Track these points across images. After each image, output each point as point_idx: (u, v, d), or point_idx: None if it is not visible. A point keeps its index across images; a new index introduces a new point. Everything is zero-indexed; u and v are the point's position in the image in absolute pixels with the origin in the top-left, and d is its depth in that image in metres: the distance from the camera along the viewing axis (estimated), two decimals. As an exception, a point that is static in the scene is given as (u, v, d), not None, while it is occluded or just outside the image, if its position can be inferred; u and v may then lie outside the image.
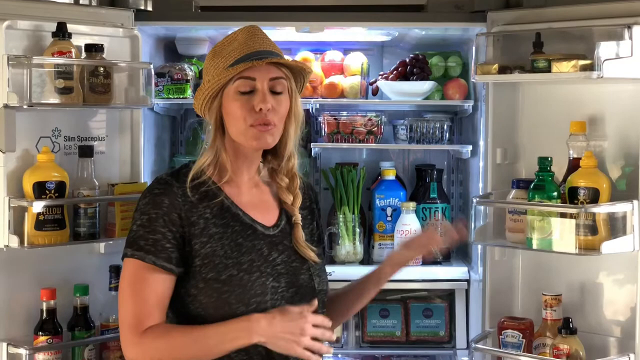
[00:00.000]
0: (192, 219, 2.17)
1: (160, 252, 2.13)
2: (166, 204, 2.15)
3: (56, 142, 2.98)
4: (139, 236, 2.14)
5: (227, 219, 2.23)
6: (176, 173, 2.25)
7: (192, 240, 2.16)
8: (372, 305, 3.65)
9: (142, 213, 2.16)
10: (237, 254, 2.20)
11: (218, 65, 2.21)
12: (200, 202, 2.20)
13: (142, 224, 2.15)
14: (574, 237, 2.78)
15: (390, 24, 3.41)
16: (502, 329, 3.04)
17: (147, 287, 2.13)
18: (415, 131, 3.64)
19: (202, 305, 2.16)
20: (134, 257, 2.13)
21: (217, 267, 2.17)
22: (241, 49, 2.20)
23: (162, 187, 2.19)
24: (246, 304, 2.16)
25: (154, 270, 2.13)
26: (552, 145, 3.03)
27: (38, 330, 2.88)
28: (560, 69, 2.82)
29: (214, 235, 2.19)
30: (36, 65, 2.78)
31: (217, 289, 2.15)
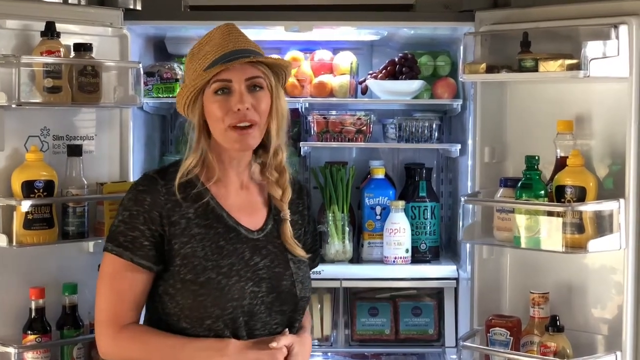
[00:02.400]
0: (173, 219, 2.18)
1: (138, 249, 2.16)
2: (148, 201, 2.17)
3: (45, 141, 2.99)
4: (119, 232, 2.17)
5: (210, 220, 2.22)
6: (164, 170, 2.26)
7: (172, 240, 2.18)
8: (361, 303, 3.68)
9: (125, 209, 2.19)
10: (218, 257, 2.20)
11: (195, 67, 2.21)
12: (185, 202, 2.20)
13: (123, 219, 2.18)
14: (560, 236, 2.79)
15: (379, 24, 3.42)
16: (489, 327, 3.05)
17: (125, 284, 2.17)
18: (404, 130, 3.64)
19: (178, 305, 2.18)
20: (112, 252, 2.17)
21: (196, 269, 2.18)
22: (216, 50, 2.19)
23: (146, 184, 2.21)
24: (222, 308, 2.17)
25: (131, 267, 2.16)
26: (539, 144, 3.04)
27: (27, 329, 2.88)
28: (547, 68, 2.83)
29: (195, 236, 2.19)
30: (25, 64, 2.79)
31: (194, 291, 2.16)
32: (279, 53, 3.76)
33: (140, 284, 2.19)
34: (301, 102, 3.64)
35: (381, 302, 3.69)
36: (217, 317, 2.17)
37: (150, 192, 2.19)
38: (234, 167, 2.29)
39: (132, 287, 2.18)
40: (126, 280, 2.18)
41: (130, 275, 2.17)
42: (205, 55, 2.20)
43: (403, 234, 3.58)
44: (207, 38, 2.24)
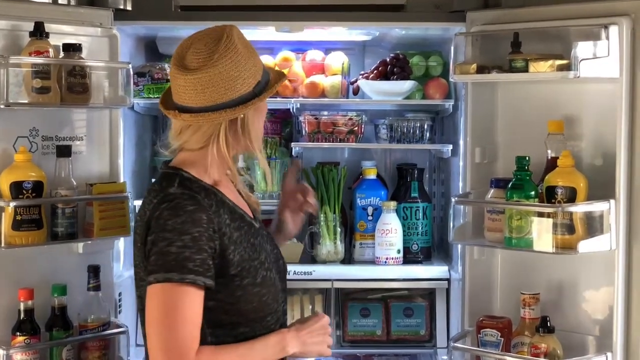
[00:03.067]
0: (222, 230, 2.09)
1: (207, 270, 2.02)
2: (204, 219, 2.04)
3: (34, 142, 2.98)
4: (184, 258, 1.99)
5: (238, 220, 2.17)
6: (183, 184, 2.11)
7: (225, 251, 2.08)
8: (353, 304, 3.69)
9: (182, 233, 2.00)
10: (257, 254, 2.18)
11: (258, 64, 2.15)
12: (218, 209, 2.12)
13: (186, 244, 2.00)
14: (551, 236, 2.79)
15: (370, 24, 3.41)
16: (480, 327, 3.05)
17: (194, 309, 2.02)
18: (396, 130, 3.63)
19: (240, 312, 2.12)
20: (184, 281, 1.98)
21: (250, 272, 2.13)
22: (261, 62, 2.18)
23: (193, 202, 2.06)
24: (277, 301, 2.21)
25: (197, 291, 2.01)
26: (530, 144, 3.04)
27: (16, 330, 2.88)
28: (538, 68, 2.83)
29: (236, 241, 2.12)
30: (13, 64, 2.78)
31: (257, 293, 2.14)
32: (271, 53, 3.77)
33: (201, 306, 2.05)
34: (293, 103, 3.63)
35: (373, 303, 3.69)
36: (274, 311, 2.20)
37: (202, 210, 2.05)
38: (224, 169, 2.24)
39: (200, 311, 2.04)
40: (195, 305, 2.02)
41: (197, 300, 2.03)
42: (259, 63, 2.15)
43: (395, 234, 3.59)
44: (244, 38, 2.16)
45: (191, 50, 2.10)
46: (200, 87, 2.06)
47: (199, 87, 2.06)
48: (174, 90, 2.13)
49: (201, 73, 2.06)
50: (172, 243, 2.00)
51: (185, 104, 2.10)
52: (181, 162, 2.18)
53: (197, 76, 2.06)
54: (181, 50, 2.12)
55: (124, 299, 3.38)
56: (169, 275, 1.98)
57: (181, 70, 2.08)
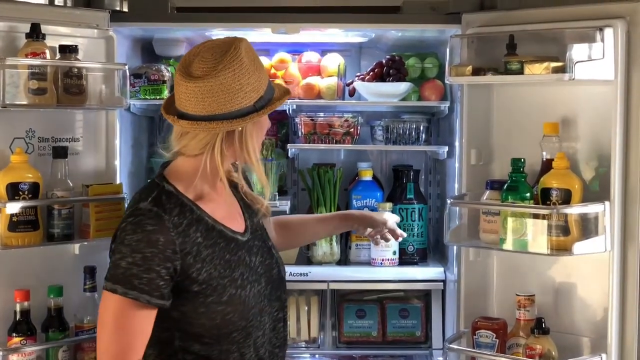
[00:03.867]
0: (186, 250, 2.11)
1: (155, 290, 2.05)
2: (161, 242, 2.07)
3: (30, 143, 2.98)
4: (131, 274, 2.04)
5: (214, 238, 2.19)
6: (157, 200, 2.13)
7: (187, 270, 2.11)
8: (348, 305, 3.69)
9: (134, 251, 2.05)
10: (229, 271, 2.19)
11: (262, 79, 2.15)
12: (189, 228, 2.14)
13: (135, 262, 2.05)
14: (546, 238, 2.79)
15: (366, 26, 3.40)
16: (475, 329, 3.05)
17: (134, 326, 2.06)
18: (391, 132, 3.63)
19: (203, 326, 2.15)
20: (126, 295, 2.03)
21: (217, 290, 2.15)
22: (267, 77, 2.19)
23: (154, 222, 2.08)
24: (246, 319, 2.20)
25: (144, 307, 2.06)
26: (525, 146, 3.04)
27: (12, 331, 2.88)
28: (533, 71, 2.83)
29: (205, 259, 2.15)
30: (9, 66, 2.77)
31: (221, 311, 2.15)
32: (267, 55, 3.77)
33: (149, 324, 2.10)
34: (289, 104, 3.62)
35: (368, 304, 3.70)
36: (242, 328, 2.19)
37: (161, 231, 2.07)
38: (216, 179, 2.24)
39: (142, 328, 2.08)
40: (137, 322, 2.06)
41: (141, 317, 2.06)
42: (264, 77, 2.17)
43: None
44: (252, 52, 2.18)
45: (198, 59, 2.12)
46: (201, 96, 2.08)
47: (200, 95, 2.08)
48: (177, 96, 2.16)
49: (203, 82, 2.08)
50: (124, 258, 2.06)
51: (186, 110, 2.13)
52: (173, 170, 2.22)
53: (198, 85, 2.08)
54: (189, 57, 2.15)
55: (120, 300, 3.36)
56: (114, 286, 2.05)
57: (185, 77, 2.10)
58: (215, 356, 2.19)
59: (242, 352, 2.22)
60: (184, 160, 2.21)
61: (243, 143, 2.16)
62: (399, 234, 2.91)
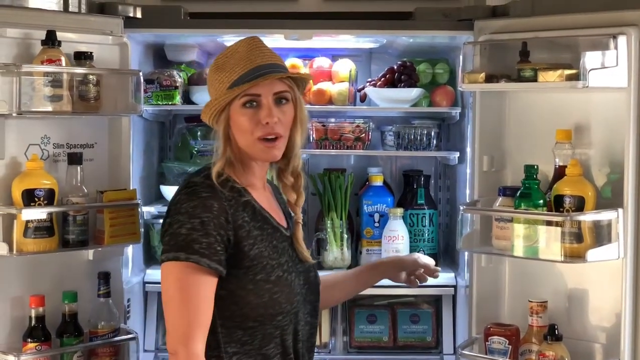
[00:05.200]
0: (238, 222, 2.20)
1: (214, 254, 2.14)
2: (216, 207, 2.17)
3: (45, 150, 2.99)
4: (192, 239, 2.12)
5: (260, 222, 2.27)
6: (209, 175, 2.24)
7: (240, 243, 2.19)
8: (359, 310, 3.68)
9: (192, 216, 2.14)
10: (277, 255, 2.27)
11: (222, 79, 2.24)
12: (238, 205, 2.23)
13: (194, 227, 2.13)
14: (559, 245, 2.79)
15: (378, 32, 3.41)
16: (488, 335, 3.05)
17: (199, 291, 2.13)
18: (402, 138, 3.64)
19: (249, 305, 2.20)
20: (189, 260, 2.11)
21: (266, 268, 2.22)
22: (244, 63, 2.22)
23: (209, 190, 2.19)
24: (291, 302, 2.25)
25: (206, 273, 2.13)
26: (538, 153, 3.04)
27: (27, 337, 2.88)
28: (547, 78, 2.83)
29: (256, 238, 2.23)
30: (25, 73, 2.78)
31: (269, 290, 2.21)
32: (278, 60, 3.76)
33: (212, 290, 2.16)
34: (300, 110, 3.62)
35: (379, 309, 3.70)
36: (287, 312, 2.24)
37: (216, 198, 2.18)
38: (259, 172, 2.34)
39: (206, 293, 2.14)
40: (201, 287, 2.13)
41: (204, 282, 2.13)
42: (232, 68, 2.23)
43: (401, 241, 3.59)
44: (231, 50, 2.27)
45: None
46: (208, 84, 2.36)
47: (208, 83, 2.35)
48: None
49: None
50: (183, 225, 2.14)
51: None
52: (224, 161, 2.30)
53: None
54: None
55: (133, 305, 3.39)
56: (178, 254, 2.12)
57: None
58: (257, 343, 2.23)
59: (284, 339, 2.26)
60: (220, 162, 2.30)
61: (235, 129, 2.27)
62: (433, 270, 2.84)
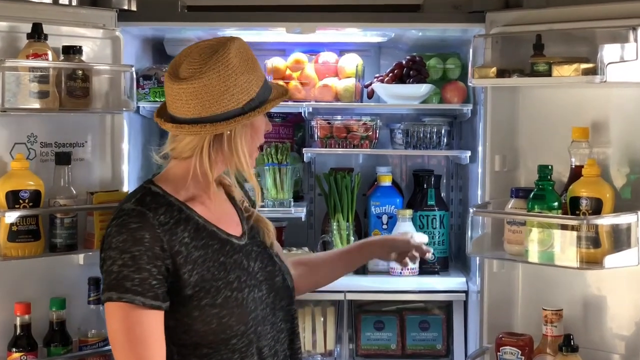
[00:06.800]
0: (175, 248, 2.05)
1: (148, 290, 1.99)
2: (147, 238, 2.01)
3: (32, 149, 2.88)
4: (123, 277, 1.98)
5: (205, 239, 2.13)
6: (141, 200, 2.08)
7: (179, 271, 2.05)
8: (366, 316, 3.60)
9: (122, 251, 2.00)
10: (224, 274, 2.12)
11: (251, 81, 2.09)
12: (177, 227, 2.08)
13: (125, 263, 1.99)
14: (575, 250, 2.67)
15: (385, 25, 3.30)
16: (500, 345, 2.93)
17: (144, 330, 2.00)
18: (412, 136, 3.53)
19: (198, 333, 2.07)
20: (121, 300, 1.97)
21: (210, 292, 2.08)
22: (261, 79, 2.13)
23: (138, 219, 2.03)
24: (245, 323, 2.11)
25: (144, 310, 1.99)
26: (553, 152, 2.95)
27: (12, 346, 2.78)
28: (562, 72, 2.72)
29: (197, 260, 2.08)
30: (9, 68, 2.67)
31: (216, 315, 2.07)
32: (283, 55, 3.69)
33: (158, 326, 2.02)
34: (304, 107, 3.52)
35: (387, 316, 3.61)
36: (242, 334, 2.11)
37: (147, 228, 2.02)
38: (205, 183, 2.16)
39: (152, 331, 2.01)
40: (144, 326, 2.00)
41: (146, 320, 2.00)
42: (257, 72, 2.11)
43: None
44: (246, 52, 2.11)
45: (187, 60, 2.09)
46: (186, 98, 2.05)
47: (184, 97, 2.05)
48: (166, 99, 2.13)
49: (187, 83, 2.04)
50: (114, 262, 2.01)
51: (173, 113, 2.11)
52: (164, 174, 2.18)
53: (182, 86, 2.04)
54: (179, 59, 2.13)
55: (128, 311, 3.26)
56: (109, 294, 2.00)
57: (171, 79, 2.08)
58: None
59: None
60: (175, 164, 2.17)
61: (232, 147, 2.11)
62: (425, 250, 2.70)
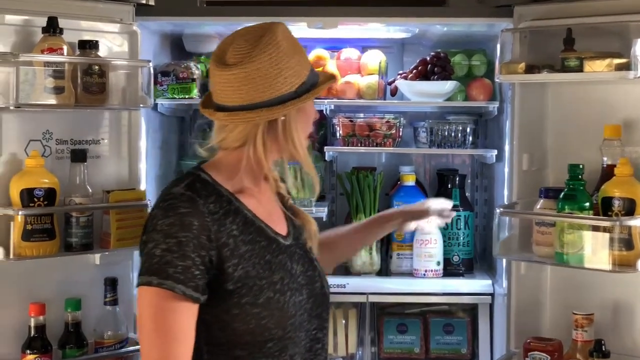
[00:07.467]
0: (222, 240, 1.96)
1: (189, 280, 1.90)
2: (195, 225, 1.91)
3: (47, 146, 2.82)
4: (166, 262, 1.89)
5: (252, 234, 2.03)
6: (191, 185, 1.99)
7: (223, 264, 1.95)
8: (389, 319, 3.53)
9: (167, 235, 1.90)
10: (269, 273, 2.02)
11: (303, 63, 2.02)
12: (226, 218, 1.98)
13: (169, 248, 1.90)
14: (607, 253, 2.60)
15: (409, 20, 3.22)
16: (528, 350, 2.85)
17: (176, 321, 1.91)
18: (436, 134, 3.46)
19: (234, 332, 1.98)
20: (161, 286, 1.88)
21: (253, 290, 1.98)
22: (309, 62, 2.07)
23: (188, 205, 1.94)
24: (283, 328, 2.02)
25: (182, 300, 1.90)
26: (583, 151, 2.87)
27: (26, 348, 2.73)
28: (594, 68, 2.66)
29: (243, 255, 1.99)
30: (24, 62, 2.62)
31: (256, 315, 1.98)
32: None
33: (191, 319, 1.94)
34: (326, 104, 3.46)
35: (410, 318, 3.52)
36: (278, 338, 2.02)
37: (196, 215, 1.93)
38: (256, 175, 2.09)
39: (183, 323, 1.92)
40: (177, 317, 1.91)
41: (180, 311, 1.91)
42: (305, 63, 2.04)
43: (434, 245, 3.43)
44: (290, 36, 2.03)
45: (232, 46, 2.00)
46: (237, 84, 1.97)
47: (236, 83, 1.97)
48: (212, 88, 2.05)
49: (238, 69, 1.96)
50: (157, 245, 1.91)
51: (222, 102, 2.01)
52: (212, 163, 2.09)
53: (234, 72, 1.96)
54: (223, 46, 2.03)
55: (145, 313, 3.19)
56: (150, 278, 1.90)
57: (219, 66, 1.99)
58: None
59: None
60: (225, 154, 2.08)
61: (287, 133, 2.02)
62: (446, 215, 2.65)
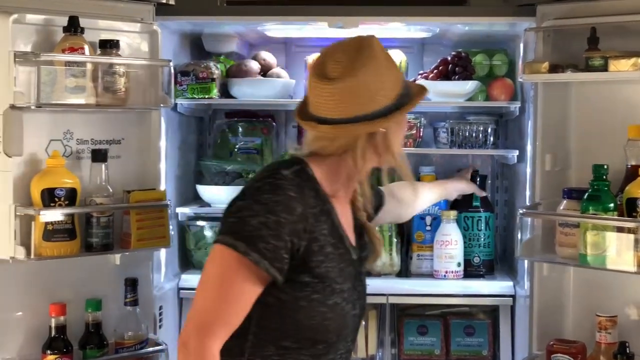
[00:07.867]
0: (315, 234, 1.96)
1: (276, 260, 1.90)
2: (298, 212, 1.93)
3: (68, 146, 2.81)
4: (259, 235, 1.89)
5: (336, 239, 2.04)
6: (300, 173, 2.00)
7: (309, 256, 1.96)
8: (409, 320, 3.51)
9: (270, 211, 1.91)
10: (342, 280, 2.03)
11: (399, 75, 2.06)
12: (321, 216, 1.99)
13: (267, 223, 1.90)
14: (632, 254, 2.57)
15: (430, 19, 3.21)
16: (551, 352, 2.83)
17: (243, 290, 1.91)
18: (457, 135, 3.43)
19: (295, 322, 1.98)
20: (246, 255, 1.88)
21: (326, 291, 1.99)
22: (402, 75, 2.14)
23: (297, 190, 1.95)
24: (339, 335, 2.04)
25: (258, 275, 1.91)
26: (607, 151, 2.83)
27: (46, 348, 2.73)
28: (619, 67, 2.65)
29: (328, 255, 1.99)
30: (45, 62, 2.61)
31: (322, 314, 1.99)
32: (323, 51, 3.57)
33: (257, 295, 1.94)
34: (346, 105, 3.41)
35: (431, 320, 3.50)
36: (330, 344, 2.03)
37: (302, 203, 1.94)
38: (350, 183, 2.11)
39: (252, 297, 1.93)
40: (251, 288, 1.92)
41: (255, 284, 1.92)
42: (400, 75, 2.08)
43: (455, 246, 3.39)
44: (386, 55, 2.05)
45: (331, 60, 2.00)
46: (340, 98, 1.98)
47: (339, 97, 1.98)
48: (312, 101, 2.05)
49: (342, 83, 1.96)
50: (255, 216, 1.91)
51: (324, 114, 2.02)
52: (315, 160, 2.07)
53: (337, 86, 1.97)
54: (321, 59, 2.03)
55: (166, 314, 3.20)
56: (236, 243, 1.90)
57: (321, 80, 1.99)
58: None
59: None
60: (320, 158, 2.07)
61: (387, 143, 2.05)
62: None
